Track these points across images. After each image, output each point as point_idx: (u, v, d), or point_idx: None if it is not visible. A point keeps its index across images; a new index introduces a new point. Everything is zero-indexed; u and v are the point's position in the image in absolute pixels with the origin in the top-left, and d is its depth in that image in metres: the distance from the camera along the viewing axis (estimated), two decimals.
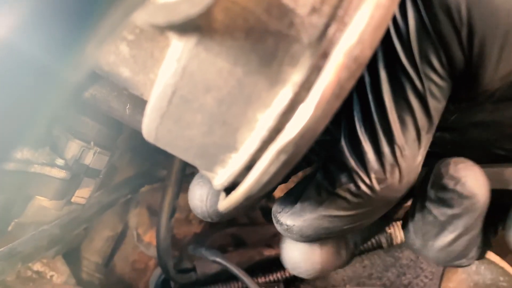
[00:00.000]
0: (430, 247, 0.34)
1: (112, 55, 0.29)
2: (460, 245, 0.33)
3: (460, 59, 0.29)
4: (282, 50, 0.24)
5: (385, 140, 0.30)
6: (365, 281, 0.97)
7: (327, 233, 0.34)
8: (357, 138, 0.31)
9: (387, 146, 0.30)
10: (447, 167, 0.31)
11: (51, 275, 0.81)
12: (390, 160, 0.30)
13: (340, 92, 0.23)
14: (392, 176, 0.30)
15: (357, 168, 0.31)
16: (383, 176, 0.30)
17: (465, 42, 0.28)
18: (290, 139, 0.23)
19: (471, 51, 0.29)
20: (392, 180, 0.30)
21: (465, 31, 0.28)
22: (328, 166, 0.33)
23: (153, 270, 0.97)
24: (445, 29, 0.28)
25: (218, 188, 0.31)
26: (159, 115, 0.27)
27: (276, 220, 0.37)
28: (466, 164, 0.31)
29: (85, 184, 0.61)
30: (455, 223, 0.32)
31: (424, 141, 0.31)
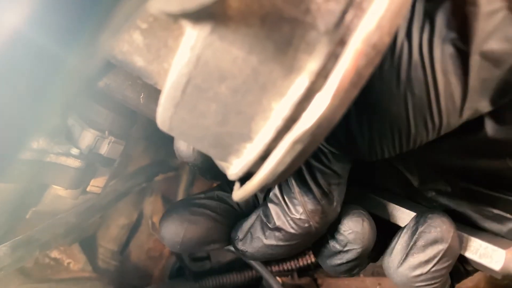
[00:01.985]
0: (323, 263, 0.45)
1: (126, 44, 0.28)
2: (343, 268, 0.43)
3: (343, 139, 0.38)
4: (298, 37, 0.23)
5: (306, 192, 0.40)
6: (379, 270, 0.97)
7: (272, 257, 0.44)
8: (288, 187, 0.41)
9: (308, 197, 0.40)
10: (348, 219, 0.42)
11: (68, 262, 0.82)
12: (312, 208, 0.40)
13: (358, 80, 0.22)
14: (314, 219, 0.40)
15: (288, 212, 0.41)
16: (307, 218, 0.40)
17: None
18: (306, 129, 0.23)
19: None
20: (313, 221, 0.40)
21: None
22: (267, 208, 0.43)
23: (168, 258, 0.97)
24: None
25: (232, 178, 0.31)
26: (173, 105, 0.27)
27: (233, 245, 0.46)
28: (360, 218, 0.41)
29: (100, 173, 0.62)
30: (341, 256, 0.42)
31: (337, 191, 0.41)
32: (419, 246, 0.40)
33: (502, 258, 0.39)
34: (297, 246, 0.42)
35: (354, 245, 0.41)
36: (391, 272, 0.42)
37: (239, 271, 0.86)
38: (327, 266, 0.45)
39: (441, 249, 0.39)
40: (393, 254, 0.42)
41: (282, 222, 0.41)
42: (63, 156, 0.55)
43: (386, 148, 0.37)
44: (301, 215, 0.40)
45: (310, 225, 0.40)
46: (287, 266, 0.90)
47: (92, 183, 0.61)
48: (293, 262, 0.91)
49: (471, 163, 0.40)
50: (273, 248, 0.43)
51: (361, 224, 0.41)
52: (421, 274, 0.40)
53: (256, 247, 0.43)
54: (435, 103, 0.32)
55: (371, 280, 0.89)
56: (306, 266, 0.92)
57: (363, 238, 0.41)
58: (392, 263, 0.42)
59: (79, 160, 0.55)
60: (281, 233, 0.41)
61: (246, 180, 0.30)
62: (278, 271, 0.90)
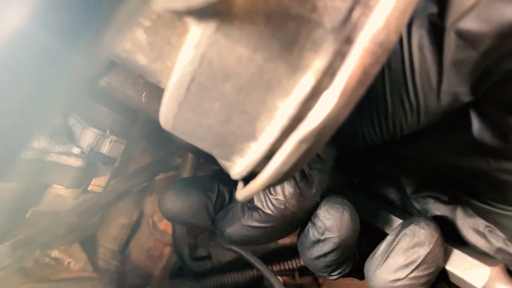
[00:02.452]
0: (303, 256, 0.44)
1: (129, 42, 0.28)
2: (321, 263, 0.42)
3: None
4: (303, 35, 0.23)
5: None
6: None
7: (247, 240, 0.44)
8: None
9: (288, 181, 0.40)
10: (328, 205, 0.41)
11: (69, 262, 0.82)
12: (290, 190, 0.40)
13: (365, 78, 0.22)
14: (290, 202, 0.40)
15: (267, 191, 0.41)
16: (284, 200, 0.40)
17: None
18: (312, 128, 0.23)
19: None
20: (290, 204, 0.40)
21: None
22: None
23: (168, 257, 0.97)
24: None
25: (236, 177, 0.31)
26: (176, 104, 0.26)
27: (216, 223, 0.47)
28: (340, 206, 0.40)
29: (101, 172, 0.61)
30: (319, 247, 0.41)
31: (318, 177, 0.41)
32: (400, 248, 0.39)
33: (486, 275, 0.37)
34: (272, 231, 0.42)
35: (331, 233, 0.40)
36: (369, 275, 0.41)
37: (240, 270, 0.86)
38: (307, 261, 0.44)
39: (421, 254, 0.38)
40: (374, 257, 0.41)
41: (260, 202, 0.41)
42: (64, 155, 0.54)
43: (367, 130, 0.36)
44: (278, 196, 0.40)
45: (286, 207, 0.40)
46: (289, 265, 0.90)
47: (93, 183, 0.61)
48: (295, 261, 0.91)
49: (455, 161, 0.39)
50: (249, 229, 0.43)
51: (341, 212, 0.40)
52: (398, 279, 0.38)
53: (233, 227, 0.44)
54: (411, 80, 0.32)
55: None
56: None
57: (341, 226, 0.40)
58: (371, 266, 0.40)
59: (80, 159, 0.55)
60: (258, 213, 0.41)
61: (250, 180, 0.30)
62: (279, 270, 0.90)
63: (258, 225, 0.42)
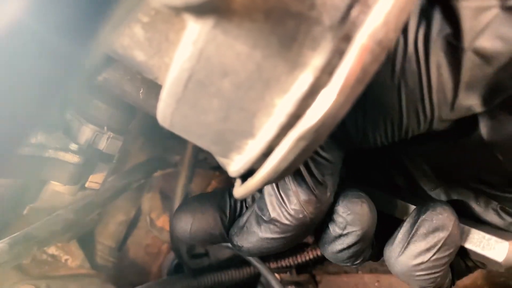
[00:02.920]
0: (325, 250, 0.45)
1: (127, 37, 0.28)
2: (345, 255, 0.43)
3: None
4: (302, 33, 0.23)
5: (300, 183, 0.40)
6: (377, 267, 0.97)
7: (268, 251, 0.44)
8: (283, 179, 0.40)
9: (302, 188, 0.39)
10: (346, 200, 0.41)
11: (66, 259, 0.82)
12: (305, 198, 0.40)
13: (364, 76, 0.22)
14: (308, 209, 0.40)
15: (283, 203, 0.40)
16: (301, 208, 0.40)
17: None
18: (310, 126, 0.23)
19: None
20: (308, 212, 0.40)
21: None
22: (261, 200, 0.42)
23: (166, 254, 0.97)
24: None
25: (233, 175, 0.31)
26: (174, 100, 0.26)
27: (230, 241, 0.46)
28: (359, 200, 0.41)
29: (99, 169, 0.61)
30: (342, 240, 0.42)
31: (331, 181, 0.41)
32: (420, 234, 0.40)
33: (505, 249, 0.39)
34: (292, 239, 0.42)
35: (354, 227, 0.41)
36: (391, 262, 0.42)
37: (237, 267, 0.86)
38: (329, 254, 0.44)
39: (442, 237, 0.39)
40: (394, 244, 0.42)
41: (277, 213, 0.41)
42: (61, 152, 0.54)
43: (379, 137, 0.37)
44: (295, 206, 0.40)
45: (304, 215, 0.40)
46: (286, 262, 0.90)
47: (91, 179, 0.61)
48: (292, 258, 0.91)
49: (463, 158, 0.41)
50: (268, 241, 0.42)
51: (360, 205, 0.41)
52: (422, 262, 0.40)
53: (252, 241, 0.43)
54: (427, 96, 0.33)
55: (369, 277, 0.89)
56: (304, 262, 0.92)
57: (362, 219, 0.41)
58: (393, 253, 0.42)
59: (77, 156, 0.55)
60: (276, 225, 0.41)
61: (248, 177, 0.30)
62: (277, 267, 0.90)
63: (278, 236, 0.42)
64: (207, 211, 0.46)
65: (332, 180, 0.41)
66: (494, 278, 1.00)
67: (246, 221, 0.45)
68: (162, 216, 0.98)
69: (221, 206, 0.47)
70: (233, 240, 0.45)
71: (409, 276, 0.41)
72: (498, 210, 0.43)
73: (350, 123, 0.37)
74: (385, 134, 0.37)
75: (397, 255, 0.41)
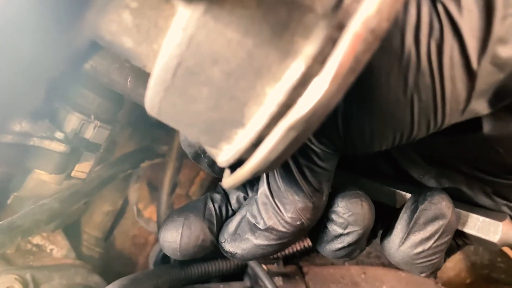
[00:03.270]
0: (323, 249, 0.45)
1: (114, 24, 0.27)
2: (344, 252, 0.43)
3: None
4: (295, 20, 0.22)
5: (297, 191, 0.40)
6: (363, 259, 0.98)
7: (262, 256, 0.44)
8: (277, 186, 0.40)
9: (299, 196, 0.39)
10: (346, 201, 0.41)
11: (51, 249, 0.81)
12: (303, 206, 0.40)
13: (356, 65, 0.21)
14: (305, 216, 0.40)
15: (279, 211, 0.40)
16: (298, 216, 0.40)
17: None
18: (302, 115, 0.22)
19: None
20: (305, 219, 0.40)
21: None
22: (254, 208, 0.42)
23: (153, 245, 0.97)
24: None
25: (222, 165, 0.30)
26: (163, 88, 0.26)
27: (221, 248, 0.45)
28: (358, 199, 0.41)
29: (85, 158, 0.60)
30: (342, 239, 0.42)
31: (327, 186, 0.41)
32: (420, 223, 0.41)
33: (499, 230, 0.41)
34: (288, 243, 0.42)
35: (355, 226, 0.41)
36: (392, 252, 0.43)
37: (224, 258, 0.86)
38: (327, 251, 0.44)
39: (441, 225, 0.40)
40: (393, 234, 0.42)
41: (273, 222, 0.41)
42: (47, 140, 0.53)
43: (385, 145, 0.37)
44: (292, 214, 0.40)
45: (302, 222, 0.40)
46: None
47: (77, 168, 0.60)
48: None
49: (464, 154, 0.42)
50: (264, 247, 0.42)
51: (360, 205, 0.41)
52: (422, 251, 0.41)
53: (245, 248, 0.43)
54: (441, 106, 0.32)
55: (356, 268, 0.90)
56: (291, 254, 0.93)
57: (364, 219, 0.41)
58: (392, 244, 0.42)
59: (63, 145, 0.54)
60: (273, 233, 0.41)
61: (237, 167, 0.29)
62: (264, 259, 0.90)
63: (275, 242, 0.42)
64: (194, 225, 0.45)
65: (328, 185, 0.41)
66: (478, 270, 1.02)
67: (237, 227, 0.44)
68: (150, 206, 0.98)
69: (206, 216, 0.46)
70: (225, 247, 0.45)
71: (410, 264, 0.42)
72: (490, 194, 0.44)
73: (357, 138, 0.36)
74: (392, 143, 0.37)
75: (397, 245, 0.42)
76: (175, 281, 0.79)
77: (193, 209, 0.46)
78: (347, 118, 0.35)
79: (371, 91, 0.32)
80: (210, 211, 0.46)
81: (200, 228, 0.45)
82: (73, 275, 0.76)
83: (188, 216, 0.45)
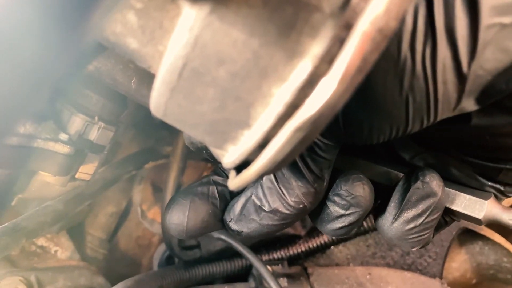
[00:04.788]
0: (323, 227, 0.47)
1: (119, 24, 0.27)
2: (343, 230, 0.46)
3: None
4: (301, 20, 0.22)
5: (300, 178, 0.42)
6: (368, 260, 0.97)
7: (267, 235, 0.47)
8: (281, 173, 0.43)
9: (302, 182, 0.42)
10: (349, 184, 0.43)
11: (56, 250, 0.81)
12: (305, 191, 0.42)
13: (364, 65, 0.21)
14: (308, 200, 0.43)
15: (283, 195, 0.43)
16: (301, 200, 0.43)
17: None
18: (309, 116, 0.22)
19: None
20: (307, 202, 0.43)
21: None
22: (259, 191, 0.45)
23: (157, 246, 0.97)
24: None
25: (228, 166, 0.30)
26: (168, 89, 0.26)
27: (227, 226, 0.49)
28: (360, 183, 0.43)
29: (89, 160, 0.60)
30: (343, 219, 0.45)
31: (327, 173, 0.43)
32: (412, 201, 0.44)
33: (484, 208, 0.44)
34: (291, 223, 0.46)
35: (357, 208, 0.44)
36: (385, 229, 0.46)
37: (229, 259, 0.86)
38: (327, 230, 0.47)
39: (432, 202, 0.43)
40: (387, 212, 0.46)
41: (278, 205, 0.44)
42: (51, 142, 0.53)
43: (382, 138, 0.40)
44: (295, 198, 0.43)
45: (304, 205, 0.43)
46: (278, 255, 0.90)
47: (81, 170, 0.60)
48: (284, 251, 0.91)
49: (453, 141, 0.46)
50: (268, 227, 0.45)
51: (362, 188, 0.43)
52: (414, 227, 0.44)
53: (251, 227, 0.46)
54: (433, 107, 0.35)
55: (360, 269, 0.90)
56: (296, 255, 0.92)
57: (365, 201, 0.43)
58: (385, 221, 0.46)
59: (67, 146, 0.54)
60: (277, 214, 0.44)
61: (242, 168, 0.29)
62: (269, 259, 0.90)
63: (279, 223, 0.45)
64: (200, 208, 0.48)
65: (329, 171, 0.44)
66: (483, 270, 1.01)
67: (242, 208, 0.47)
68: (153, 207, 0.98)
69: (210, 198, 0.48)
70: (231, 227, 0.48)
71: (402, 239, 0.45)
72: (476, 175, 0.47)
73: (357, 132, 0.39)
74: (389, 136, 0.39)
75: (390, 222, 0.45)
76: (180, 282, 0.79)
77: (197, 192, 0.49)
78: (347, 114, 0.37)
79: (369, 90, 0.34)
80: (214, 194, 0.49)
81: (206, 210, 0.48)
82: (77, 277, 0.76)
83: (194, 199, 0.48)
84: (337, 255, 0.96)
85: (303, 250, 0.92)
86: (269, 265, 0.87)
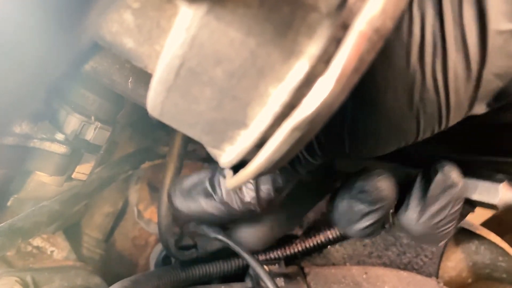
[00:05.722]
0: (351, 228, 0.47)
1: (116, 24, 0.27)
2: (371, 228, 0.46)
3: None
4: (298, 20, 0.22)
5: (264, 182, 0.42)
6: (365, 259, 0.97)
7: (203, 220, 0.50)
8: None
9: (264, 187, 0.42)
10: (373, 180, 0.44)
11: (52, 251, 0.80)
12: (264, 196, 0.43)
13: (361, 65, 0.21)
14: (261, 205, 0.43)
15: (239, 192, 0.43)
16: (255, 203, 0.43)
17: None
18: (306, 116, 0.22)
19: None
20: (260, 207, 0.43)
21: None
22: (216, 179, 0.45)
23: (153, 246, 0.96)
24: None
25: (225, 166, 0.30)
26: (165, 89, 0.26)
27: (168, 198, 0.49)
28: (383, 177, 0.44)
29: (86, 159, 0.60)
30: (371, 216, 0.45)
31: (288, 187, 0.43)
32: (435, 195, 0.44)
33: (498, 192, 0.45)
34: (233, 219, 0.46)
35: (382, 202, 0.44)
36: (412, 226, 0.46)
37: (226, 259, 0.86)
38: (353, 231, 0.48)
39: (454, 193, 0.43)
40: (410, 209, 0.46)
41: (230, 199, 0.44)
42: (47, 142, 0.53)
43: (388, 151, 0.39)
44: (250, 199, 0.43)
45: (256, 208, 0.43)
46: (274, 254, 0.90)
47: (78, 170, 0.60)
48: (280, 250, 0.91)
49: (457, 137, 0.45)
50: (211, 216, 0.45)
51: (385, 182, 0.44)
52: (440, 220, 0.44)
53: (193, 210, 0.46)
54: (445, 116, 0.34)
55: (357, 268, 0.90)
56: (293, 254, 0.92)
57: (390, 194, 0.44)
58: (411, 217, 0.46)
59: (64, 146, 0.54)
60: (225, 207, 0.44)
61: (239, 168, 0.29)
62: (265, 259, 0.90)
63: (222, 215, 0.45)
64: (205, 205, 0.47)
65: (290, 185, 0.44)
66: (479, 270, 1.02)
67: (192, 187, 0.47)
68: (150, 207, 0.97)
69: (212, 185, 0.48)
70: (173, 201, 0.48)
71: (430, 235, 0.45)
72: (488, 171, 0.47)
73: (362, 144, 0.38)
74: (396, 148, 0.39)
75: (416, 219, 0.45)
76: (176, 283, 0.79)
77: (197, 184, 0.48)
78: (353, 126, 0.36)
79: (378, 104, 0.34)
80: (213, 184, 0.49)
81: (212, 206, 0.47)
82: (73, 277, 0.76)
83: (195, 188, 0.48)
84: (333, 254, 0.96)
85: (300, 249, 0.92)
86: (266, 265, 0.87)
